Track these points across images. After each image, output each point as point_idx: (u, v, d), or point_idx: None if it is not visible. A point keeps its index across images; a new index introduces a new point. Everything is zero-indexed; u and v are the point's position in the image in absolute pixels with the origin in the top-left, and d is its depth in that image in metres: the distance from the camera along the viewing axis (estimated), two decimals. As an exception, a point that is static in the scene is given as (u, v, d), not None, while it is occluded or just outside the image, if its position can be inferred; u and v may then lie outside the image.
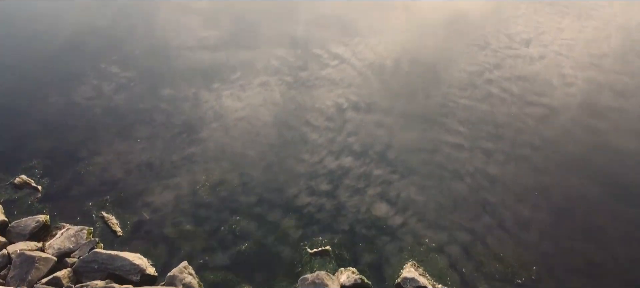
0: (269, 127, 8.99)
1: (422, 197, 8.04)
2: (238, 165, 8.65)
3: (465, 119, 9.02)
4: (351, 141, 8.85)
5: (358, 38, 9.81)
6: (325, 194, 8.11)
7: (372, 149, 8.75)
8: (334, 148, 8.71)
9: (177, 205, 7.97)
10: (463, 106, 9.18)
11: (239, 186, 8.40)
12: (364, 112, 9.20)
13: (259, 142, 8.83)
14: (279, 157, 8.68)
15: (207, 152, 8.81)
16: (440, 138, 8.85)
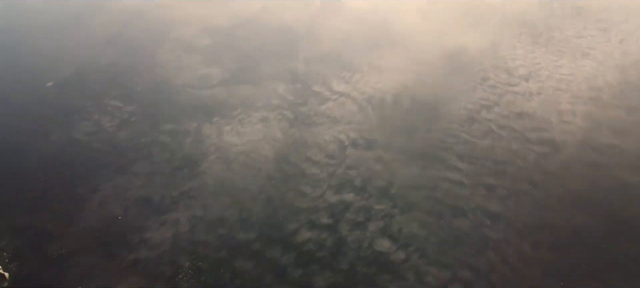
0: (269, 162, 8.97)
1: (423, 232, 7.95)
2: (237, 201, 8.58)
3: (466, 155, 9.02)
4: (352, 175, 8.82)
5: (358, 74, 9.94)
6: (326, 229, 8.01)
7: (373, 184, 8.71)
8: (334, 182, 8.67)
9: (175, 243, 7.86)
10: (463, 141, 9.19)
11: (238, 222, 8.32)
12: (364, 147, 9.20)
13: (259, 177, 8.79)
14: (278, 192, 8.62)
15: (206, 187, 8.76)
16: (441, 174, 8.81)
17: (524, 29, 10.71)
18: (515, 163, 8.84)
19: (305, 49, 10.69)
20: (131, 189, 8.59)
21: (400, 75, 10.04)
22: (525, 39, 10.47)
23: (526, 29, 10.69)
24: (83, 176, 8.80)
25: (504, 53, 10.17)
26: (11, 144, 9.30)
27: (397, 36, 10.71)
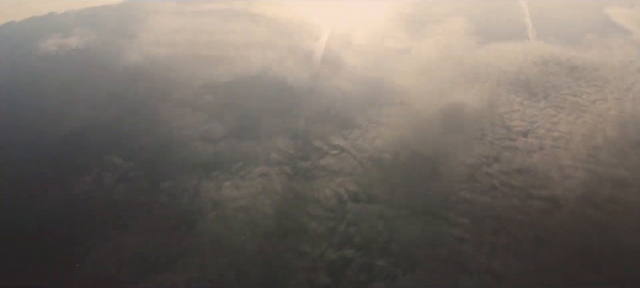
0: (269, 218, 8.90)
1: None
2: (235, 261, 8.43)
3: (468, 211, 8.94)
4: (352, 232, 8.72)
5: (357, 130, 10.03)
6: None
7: (374, 241, 8.60)
8: (335, 240, 8.56)
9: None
10: (464, 199, 9.14)
11: (235, 284, 8.14)
12: (365, 202, 9.16)
13: (258, 234, 8.68)
14: (278, 250, 8.50)
15: (204, 245, 8.64)
16: (443, 231, 8.71)
17: (521, 87, 10.87)
18: (518, 220, 8.75)
19: (306, 106, 10.84)
20: (128, 248, 8.46)
21: (400, 131, 10.12)
22: (522, 96, 10.60)
23: (522, 87, 10.86)
24: (79, 234, 8.69)
25: (502, 110, 10.28)
26: (7, 202, 9.26)
27: (395, 94, 10.87)
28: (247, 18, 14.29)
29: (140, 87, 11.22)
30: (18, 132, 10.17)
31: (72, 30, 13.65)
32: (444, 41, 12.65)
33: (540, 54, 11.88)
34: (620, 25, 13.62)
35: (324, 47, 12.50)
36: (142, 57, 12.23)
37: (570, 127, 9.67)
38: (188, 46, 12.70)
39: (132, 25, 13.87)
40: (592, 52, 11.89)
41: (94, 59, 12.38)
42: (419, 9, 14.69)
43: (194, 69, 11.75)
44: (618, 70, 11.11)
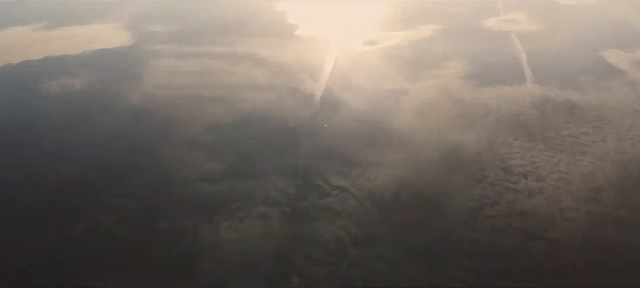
0: (267, 261, 8.73)
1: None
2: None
3: (470, 254, 8.78)
4: (353, 275, 8.54)
5: (357, 170, 10.00)
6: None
7: (376, 285, 8.40)
8: (336, 284, 8.37)
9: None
10: (467, 240, 9.00)
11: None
12: (366, 244, 9.02)
13: (257, 278, 8.51)
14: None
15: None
16: (447, 272, 8.53)
17: (519, 128, 10.90)
18: (521, 262, 8.59)
19: (305, 145, 10.85)
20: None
21: (399, 171, 10.08)
22: (521, 137, 10.62)
23: (521, 128, 10.89)
24: (75, 278, 8.52)
25: (501, 151, 10.28)
26: (2, 244, 9.11)
27: (395, 134, 10.90)
28: (249, 61, 14.55)
29: (141, 127, 11.27)
30: (17, 172, 10.13)
31: (76, 71, 13.86)
32: (442, 83, 12.81)
33: (538, 96, 12.01)
34: (615, 66, 13.83)
35: (324, 88, 12.66)
36: (144, 98, 12.36)
37: (570, 168, 9.65)
38: (190, 88, 12.87)
39: (135, 68, 14.10)
40: (589, 94, 12.03)
41: (96, 99, 12.50)
42: (416, 51, 14.96)
43: (195, 110, 11.84)
44: (616, 111, 11.19)
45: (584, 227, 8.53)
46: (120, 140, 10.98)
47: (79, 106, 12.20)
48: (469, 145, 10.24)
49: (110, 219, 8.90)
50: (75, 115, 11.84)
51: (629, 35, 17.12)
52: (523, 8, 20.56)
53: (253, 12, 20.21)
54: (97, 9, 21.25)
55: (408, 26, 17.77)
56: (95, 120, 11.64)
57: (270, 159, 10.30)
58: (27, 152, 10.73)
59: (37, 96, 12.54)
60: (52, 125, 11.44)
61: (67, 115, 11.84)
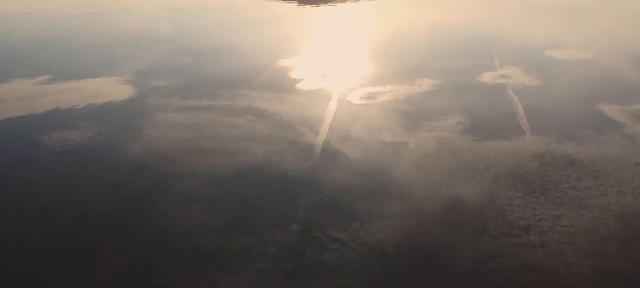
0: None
1: None
2: None
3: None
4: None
5: (357, 223, 9.86)
6: None
7: (377, 344, 8.09)
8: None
9: None
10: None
11: None
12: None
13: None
14: None
15: (197, 349, 8.12)
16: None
17: (520, 181, 10.87)
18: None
19: (305, 198, 10.77)
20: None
21: (401, 224, 9.95)
22: (521, 190, 10.57)
23: (521, 181, 10.85)
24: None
25: (502, 204, 10.19)
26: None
27: (395, 187, 10.85)
28: (249, 113, 14.73)
29: (139, 179, 11.25)
30: (10, 226, 10.00)
31: (77, 124, 14.00)
32: (441, 136, 12.92)
33: (537, 149, 12.06)
34: (613, 119, 13.99)
35: (324, 140, 12.74)
36: (144, 151, 12.41)
37: (572, 221, 9.54)
38: (190, 140, 12.95)
39: (136, 121, 14.25)
40: (588, 147, 12.09)
41: (95, 152, 12.55)
42: (414, 105, 15.17)
43: (194, 163, 11.86)
44: (616, 164, 11.21)
45: (590, 281, 8.32)
46: (118, 193, 10.91)
47: (78, 158, 12.23)
48: (469, 198, 10.17)
49: (105, 274, 8.69)
50: (74, 167, 11.85)
51: (625, 89, 17.43)
52: (518, 63, 21.05)
53: (256, 67, 20.69)
54: (102, 62, 21.74)
55: (405, 80, 18.14)
56: (93, 173, 11.63)
57: (269, 212, 10.21)
58: (23, 204, 10.65)
59: (37, 148, 12.59)
60: (50, 177, 11.42)
61: (65, 168, 11.84)
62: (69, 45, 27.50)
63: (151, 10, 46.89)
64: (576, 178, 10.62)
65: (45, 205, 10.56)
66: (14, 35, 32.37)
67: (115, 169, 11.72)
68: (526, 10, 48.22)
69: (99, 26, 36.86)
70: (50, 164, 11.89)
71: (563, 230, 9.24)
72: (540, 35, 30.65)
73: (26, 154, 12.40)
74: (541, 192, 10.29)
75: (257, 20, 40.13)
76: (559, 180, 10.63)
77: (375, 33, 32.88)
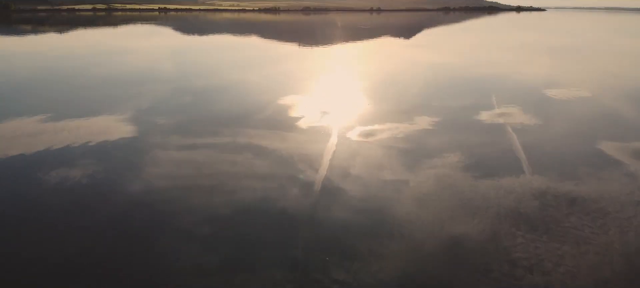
0: None
1: None
2: None
3: None
4: None
5: (359, 262, 9.71)
6: None
7: None
8: None
9: None
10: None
11: None
12: (367, 344, 8.52)
13: None
14: None
15: None
16: None
17: (521, 220, 10.77)
18: None
19: (305, 236, 10.64)
20: None
21: (403, 263, 9.78)
22: (523, 229, 10.46)
23: (523, 219, 10.76)
24: None
25: (505, 244, 10.07)
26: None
27: (396, 225, 10.74)
28: (249, 151, 14.76)
29: (138, 216, 11.15)
30: (8, 263, 9.84)
31: (77, 162, 14.00)
32: (441, 173, 12.90)
33: (538, 187, 12.02)
34: (613, 157, 14.01)
35: (324, 178, 12.70)
36: (143, 188, 12.36)
37: (576, 260, 9.40)
38: (189, 178, 12.92)
39: (136, 158, 14.27)
40: (589, 185, 12.06)
41: (94, 189, 12.50)
42: (414, 143, 15.23)
43: (193, 200, 11.79)
44: (617, 202, 11.15)
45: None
46: (116, 229, 10.79)
47: (77, 196, 12.16)
48: (471, 237, 10.05)
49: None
50: (72, 205, 11.77)
51: (623, 127, 17.55)
52: (516, 102, 21.27)
53: (257, 105, 20.90)
54: (104, 101, 21.97)
55: (404, 119, 18.28)
56: (91, 211, 11.54)
57: (268, 251, 10.07)
58: (18, 243, 10.51)
59: (36, 186, 12.54)
60: (47, 215, 11.32)
61: (63, 206, 11.76)
62: (71, 84, 27.85)
63: (155, 50, 47.66)
64: (578, 216, 10.54)
65: (42, 243, 10.43)
66: (18, 73, 32.83)
67: (113, 207, 11.64)
68: (522, 51, 49.04)
69: (103, 65, 37.40)
70: (48, 202, 11.81)
71: (567, 270, 9.09)
72: (537, 74, 31.10)
73: (25, 192, 12.34)
74: (543, 230, 10.19)
75: (258, 60, 40.74)
76: (561, 219, 10.53)
77: (374, 72, 33.36)
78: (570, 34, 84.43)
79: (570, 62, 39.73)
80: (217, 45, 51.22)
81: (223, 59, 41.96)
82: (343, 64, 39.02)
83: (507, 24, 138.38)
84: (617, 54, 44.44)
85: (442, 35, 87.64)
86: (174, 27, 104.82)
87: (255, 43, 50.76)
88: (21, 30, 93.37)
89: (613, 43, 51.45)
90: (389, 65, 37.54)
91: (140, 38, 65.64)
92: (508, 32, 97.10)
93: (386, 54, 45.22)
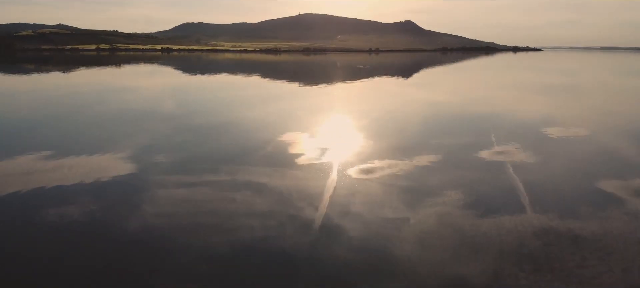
0: None
1: None
2: None
3: None
4: None
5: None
6: None
7: None
8: None
9: None
10: None
11: None
12: None
13: None
14: None
15: None
16: None
17: (524, 259, 10.57)
18: None
19: (304, 276, 10.45)
20: None
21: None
22: (526, 269, 10.26)
23: (526, 259, 10.56)
24: None
25: (508, 284, 9.84)
26: None
27: (397, 264, 10.54)
28: (248, 188, 14.70)
29: (135, 255, 10.98)
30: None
31: (75, 200, 13.91)
32: (442, 212, 12.80)
33: (540, 226, 11.91)
34: (614, 195, 13.94)
35: (324, 215, 12.59)
36: (140, 227, 12.23)
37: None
38: (188, 216, 12.81)
39: (134, 197, 14.18)
40: (591, 224, 11.95)
41: (91, 228, 12.37)
42: (414, 180, 15.19)
43: (191, 239, 11.64)
44: (620, 241, 11.02)
45: None
46: (112, 268, 10.61)
47: (74, 235, 12.02)
48: (474, 277, 9.88)
49: None
50: (69, 244, 11.62)
51: (622, 165, 17.56)
52: (515, 140, 21.36)
53: (257, 142, 20.98)
54: (104, 138, 22.05)
55: (404, 156, 18.30)
56: (88, 249, 11.38)
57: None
58: (16, 281, 10.32)
59: (33, 224, 12.42)
60: (44, 254, 11.15)
61: (60, 244, 11.61)
62: (73, 121, 28.04)
63: (157, 88, 48.19)
64: (581, 256, 10.39)
65: (38, 282, 10.23)
66: (20, 111, 33.10)
67: (110, 245, 11.49)
68: (519, 90, 49.65)
69: (105, 103, 37.74)
70: (45, 240, 11.67)
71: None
72: (535, 112, 31.36)
73: (21, 230, 12.20)
74: (547, 270, 10.03)
75: (259, 98, 41.13)
76: (564, 258, 10.39)
77: (373, 110, 33.64)
78: (567, 73, 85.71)
79: (567, 101, 40.16)
80: (219, 84, 51.92)
81: (224, 97, 42.41)
82: (342, 102, 39.42)
83: (504, 63, 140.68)
84: (614, 92, 45.02)
85: (440, 74, 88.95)
86: (176, 67, 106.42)
87: (256, 82, 51.48)
88: (25, 68, 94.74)
89: (609, 82, 52.22)
90: (388, 103, 37.95)
91: (143, 77, 66.58)
92: (505, 71, 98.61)
93: (385, 93, 45.79)
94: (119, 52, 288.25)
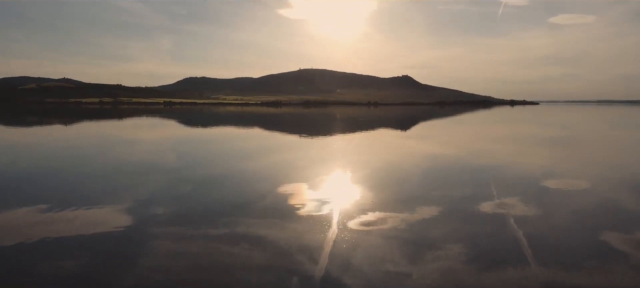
0: None
1: None
2: None
3: None
4: None
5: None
6: None
7: None
8: None
9: None
10: None
11: None
12: None
13: None
14: None
15: None
16: None
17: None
18: None
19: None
20: None
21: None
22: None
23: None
24: None
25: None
26: None
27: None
28: (246, 241, 14.48)
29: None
30: None
31: (71, 254, 13.69)
32: (444, 266, 12.57)
33: (544, 280, 11.67)
34: (618, 248, 13.73)
35: (324, 270, 12.34)
36: (135, 282, 11.95)
37: None
38: (184, 270, 12.55)
39: (130, 250, 13.96)
40: (596, 278, 11.71)
41: (87, 280, 12.09)
42: (415, 233, 15.00)
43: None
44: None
45: None
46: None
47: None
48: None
49: None
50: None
51: (625, 217, 17.40)
52: (516, 193, 21.29)
53: (256, 194, 20.89)
54: (102, 191, 21.96)
55: (405, 209, 18.17)
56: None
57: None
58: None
59: (27, 278, 12.17)
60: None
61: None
62: (72, 173, 28.03)
63: (159, 141, 48.55)
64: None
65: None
66: (20, 163, 33.16)
67: None
68: (518, 142, 49.98)
69: (106, 155, 37.89)
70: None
71: None
72: (534, 165, 31.43)
73: (16, 284, 11.94)
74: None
75: (260, 149, 41.34)
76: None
77: (373, 162, 33.74)
78: (565, 126, 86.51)
79: (566, 153, 40.34)
80: (220, 136, 52.39)
81: (225, 148, 42.64)
82: (342, 153, 39.58)
83: (503, 116, 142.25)
84: (612, 144, 45.34)
85: (439, 127, 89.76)
86: (178, 120, 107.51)
87: (257, 134, 51.94)
88: (27, 121, 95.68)
89: (606, 134, 52.68)
90: (387, 155, 38.12)
91: (145, 129, 67.18)
92: (504, 124, 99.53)
93: (385, 145, 46.12)
94: (121, 105, 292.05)
